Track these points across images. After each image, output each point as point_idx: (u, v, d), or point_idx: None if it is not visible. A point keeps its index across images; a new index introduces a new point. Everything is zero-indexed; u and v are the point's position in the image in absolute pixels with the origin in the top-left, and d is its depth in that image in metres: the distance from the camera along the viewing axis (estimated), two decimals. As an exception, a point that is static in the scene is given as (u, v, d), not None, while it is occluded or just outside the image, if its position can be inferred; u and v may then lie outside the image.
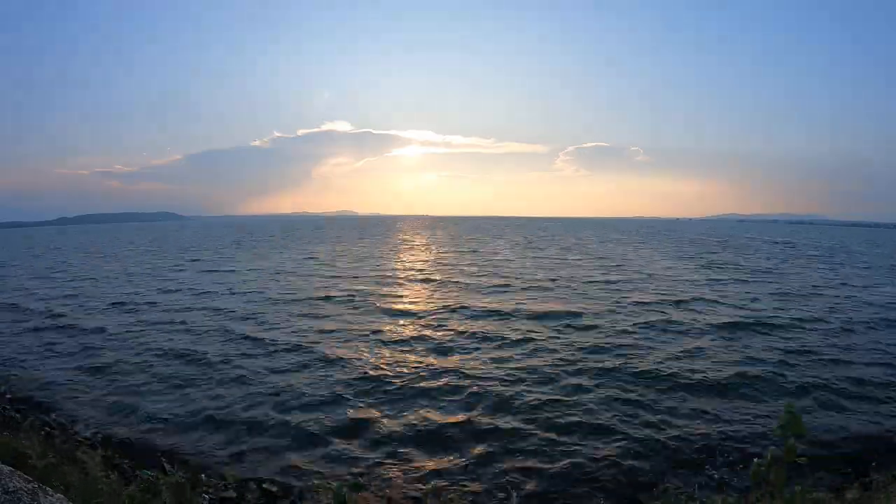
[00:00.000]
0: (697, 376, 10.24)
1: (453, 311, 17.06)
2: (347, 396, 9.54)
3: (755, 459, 1.71)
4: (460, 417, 8.56)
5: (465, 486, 6.56)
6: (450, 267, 31.32)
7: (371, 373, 10.76)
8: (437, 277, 25.75)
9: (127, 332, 14.77)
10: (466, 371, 10.72)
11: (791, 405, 1.66)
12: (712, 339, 13.16)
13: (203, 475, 6.83)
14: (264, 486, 6.33)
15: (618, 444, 7.57)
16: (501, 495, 6.35)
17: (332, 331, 14.44)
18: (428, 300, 19.37)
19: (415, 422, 8.44)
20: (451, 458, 7.30)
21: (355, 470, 7.01)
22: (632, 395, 9.32)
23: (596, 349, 12.28)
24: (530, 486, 6.59)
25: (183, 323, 15.72)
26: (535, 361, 11.34)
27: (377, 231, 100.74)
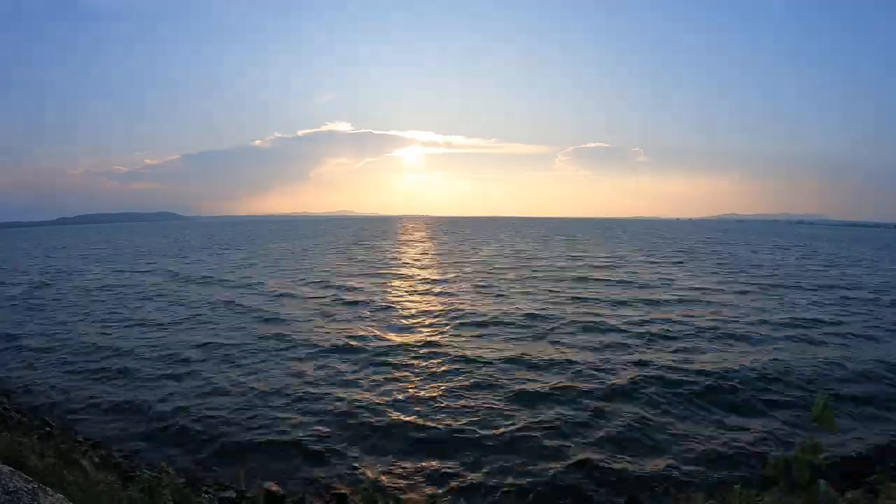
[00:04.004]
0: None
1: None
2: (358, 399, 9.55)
3: (771, 455, 1.71)
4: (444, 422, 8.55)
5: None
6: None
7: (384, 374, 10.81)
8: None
9: (126, 329, 14.82)
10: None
11: (825, 398, 1.63)
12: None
13: (203, 475, 6.82)
14: (265, 485, 6.31)
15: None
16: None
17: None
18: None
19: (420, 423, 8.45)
20: (457, 462, 7.31)
21: (359, 473, 7.01)
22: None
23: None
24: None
25: (190, 319, 15.78)
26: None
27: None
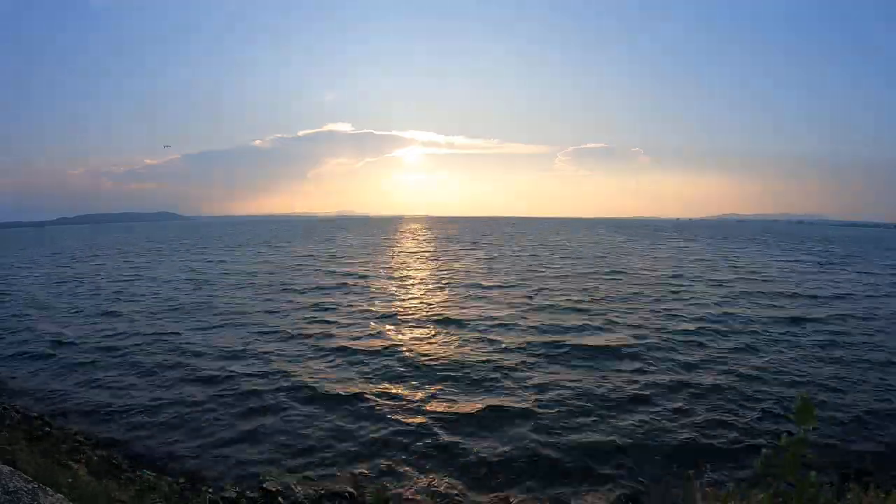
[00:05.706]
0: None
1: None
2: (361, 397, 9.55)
3: (763, 450, 1.72)
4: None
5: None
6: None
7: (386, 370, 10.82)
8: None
9: (126, 328, 14.80)
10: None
11: (806, 394, 1.66)
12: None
13: (203, 475, 6.82)
14: (265, 485, 6.32)
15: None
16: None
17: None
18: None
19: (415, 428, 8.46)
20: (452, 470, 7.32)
21: (360, 472, 7.02)
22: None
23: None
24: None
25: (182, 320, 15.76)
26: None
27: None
